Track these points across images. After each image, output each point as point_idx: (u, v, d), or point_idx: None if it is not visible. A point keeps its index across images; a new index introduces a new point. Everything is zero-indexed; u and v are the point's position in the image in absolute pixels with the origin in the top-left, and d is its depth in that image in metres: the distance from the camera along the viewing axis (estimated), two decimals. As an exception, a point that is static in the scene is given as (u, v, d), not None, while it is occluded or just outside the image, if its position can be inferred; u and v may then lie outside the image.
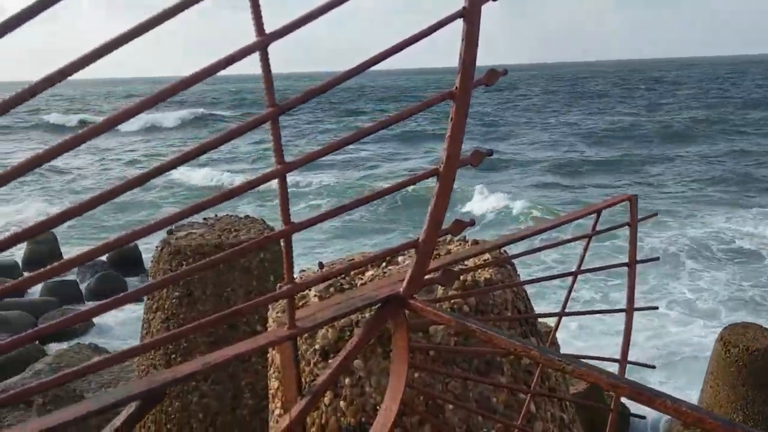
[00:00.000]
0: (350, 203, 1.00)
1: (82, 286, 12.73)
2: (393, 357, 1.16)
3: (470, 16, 1.12)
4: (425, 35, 1.07)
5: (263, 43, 0.88)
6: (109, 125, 0.78)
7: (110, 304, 0.88)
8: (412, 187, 1.14)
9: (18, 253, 14.31)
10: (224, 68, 0.88)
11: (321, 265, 2.48)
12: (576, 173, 25.94)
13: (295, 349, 1.05)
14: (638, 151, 30.19)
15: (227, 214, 5.09)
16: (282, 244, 0.98)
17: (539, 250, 1.81)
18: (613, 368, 1.59)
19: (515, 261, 2.05)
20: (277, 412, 2.03)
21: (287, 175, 0.96)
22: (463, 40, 1.13)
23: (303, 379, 1.42)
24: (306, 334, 1.89)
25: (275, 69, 0.98)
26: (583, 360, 1.03)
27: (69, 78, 0.75)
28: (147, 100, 0.83)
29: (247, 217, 5.02)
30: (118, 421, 0.79)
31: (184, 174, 25.81)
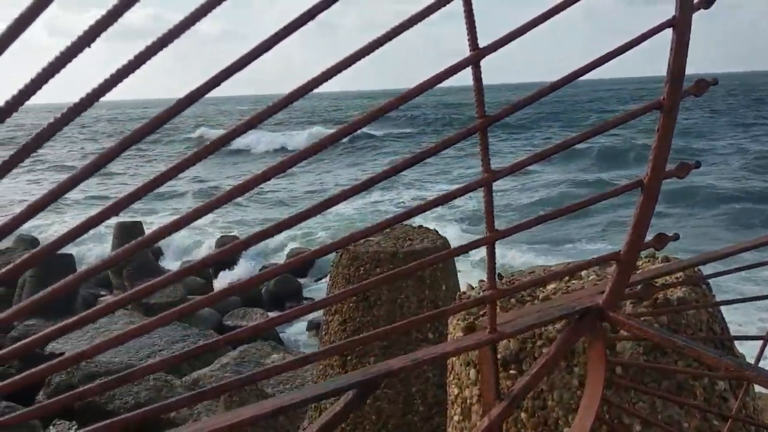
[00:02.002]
0: (552, 213, 1.01)
1: (262, 288, 13.56)
2: (589, 370, 1.15)
3: (680, 25, 1.09)
4: (633, 45, 1.06)
5: (477, 56, 0.92)
6: (337, 138, 0.85)
7: (295, 313, 0.95)
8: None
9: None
10: (439, 83, 0.93)
11: (500, 276, 2.49)
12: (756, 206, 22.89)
13: (495, 353, 1.08)
14: None
15: (401, 223, 5.22)
16: (485, 250, 1.01)
17: (739, 270, 1.71)
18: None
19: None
20: (456, 418, 2.07)
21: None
22: (672, 49, 1.10)
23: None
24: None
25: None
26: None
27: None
28: (368, 116, 0.90)
29: (420, 226, 5.12)
30: (338, 407, 0.86)
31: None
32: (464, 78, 0.99)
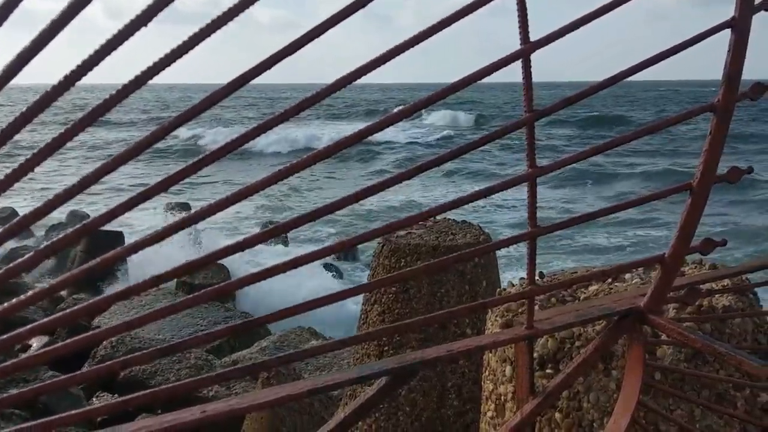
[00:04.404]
0: (599, 211, 1.00)
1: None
2: (627, 372, 1.14)
3: (739, 26, 1.07)
4: (689, 45, 1.04)
5: (527, 51, 0.92)
6: (373, 131, 0.85)
7: (335, 297, 0.96)
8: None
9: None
10: (488, 76, 0.93)
11: (542, 275, 2.47)
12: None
13: (531, 349, 1.07)
14: None
15: (444, 218, 5.20)
16: (527, 245, 1.01)
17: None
18: None
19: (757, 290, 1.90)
20: (489, 414, 2.06)
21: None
22: (729, 51, 1.08)
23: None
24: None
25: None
26: None
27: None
28: (417, 104, 0.90)
29: (463, 222, 5.10)
30: (371, 392, 0.87)
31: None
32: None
